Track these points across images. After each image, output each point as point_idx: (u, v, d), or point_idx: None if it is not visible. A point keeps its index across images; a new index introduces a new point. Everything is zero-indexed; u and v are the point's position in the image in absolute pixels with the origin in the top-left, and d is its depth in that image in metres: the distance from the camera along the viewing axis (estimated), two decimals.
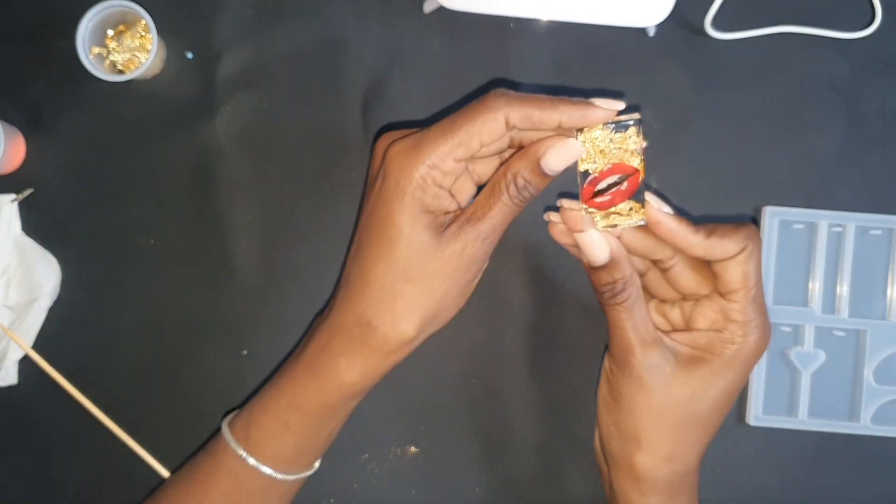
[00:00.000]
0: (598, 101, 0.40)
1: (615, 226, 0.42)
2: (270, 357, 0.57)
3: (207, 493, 0.48)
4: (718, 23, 0.58)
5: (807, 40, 0.59)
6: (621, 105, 0.41)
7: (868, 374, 0.58)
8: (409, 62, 0.59)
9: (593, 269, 0.43)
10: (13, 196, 0.58)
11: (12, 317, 0.57)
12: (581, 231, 0.42)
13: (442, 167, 0.40)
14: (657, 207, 0.42)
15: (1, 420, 0.58)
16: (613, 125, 0.41)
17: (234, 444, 0.47)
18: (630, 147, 0.41)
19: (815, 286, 0.58)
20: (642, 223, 0.42)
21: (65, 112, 0.58)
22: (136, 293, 0.58)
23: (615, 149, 0.41)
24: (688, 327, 0.45)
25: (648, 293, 0.48)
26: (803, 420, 0.58)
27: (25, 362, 0.57)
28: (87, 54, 0.55)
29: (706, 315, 0.44)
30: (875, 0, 0.58)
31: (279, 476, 0.47)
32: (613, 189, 0.42)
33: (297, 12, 0.59)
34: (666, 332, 0.45)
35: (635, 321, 0.43)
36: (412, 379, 0.59)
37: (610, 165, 0.41)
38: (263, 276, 0.59)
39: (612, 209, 0.42)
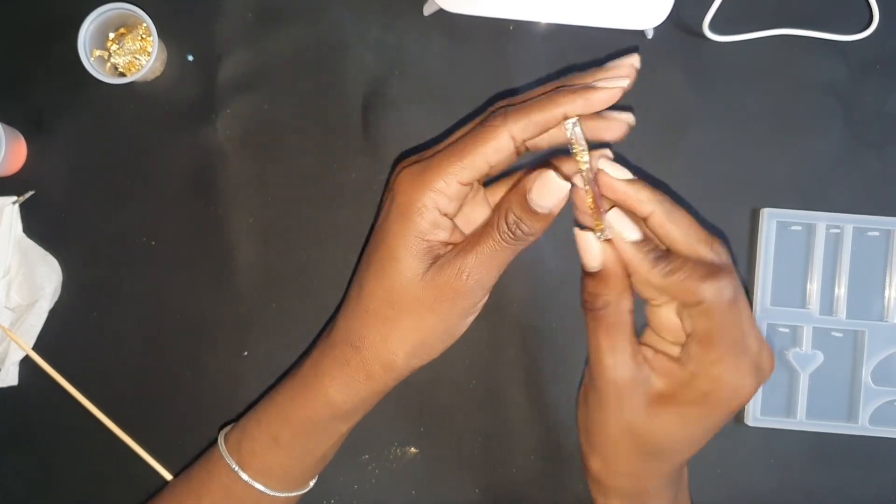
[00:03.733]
0: (601, 83, 0.38)
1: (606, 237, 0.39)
2: (271, 358, 0.58)
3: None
4: (716, 25, 0.59)
5: (804, 42, 0.60)
6: (625, 82, 0.38)
7: (866, 374, 0.58)
8: (408, 65, 0.59)
9: (585, 272, 0.41)
10: (14, 198, 0.58)
11: (13, 318, 0.58)
12: (583, 223, 0.40)
13: (446, 192, 0.39)
14: (619, 231, 0.39)
15: (2, 421, 0.58)
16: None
17: (227, 457, 0.48)
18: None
19: (813, 287, 0.59)
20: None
21: (66, 114, 0.59)
22: (136, 295, 0.59)
23: None
24: (676, 356, 0.41)
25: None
26: (801, 421, 0.58)
27: (26, 363, 0.58)
28: (89, 57, 0.55)
29: (687, 351, 0.40)
30: (872, 2, 0.58)
31: (269, 492, 0.47)
32: None
33: (297, 15, 0.59)
34: (656, 352, 0.41)
35: (613, 343, 0.39)
36: (412, 379, 0.58)
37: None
38: (264, 278, 0.59)
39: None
